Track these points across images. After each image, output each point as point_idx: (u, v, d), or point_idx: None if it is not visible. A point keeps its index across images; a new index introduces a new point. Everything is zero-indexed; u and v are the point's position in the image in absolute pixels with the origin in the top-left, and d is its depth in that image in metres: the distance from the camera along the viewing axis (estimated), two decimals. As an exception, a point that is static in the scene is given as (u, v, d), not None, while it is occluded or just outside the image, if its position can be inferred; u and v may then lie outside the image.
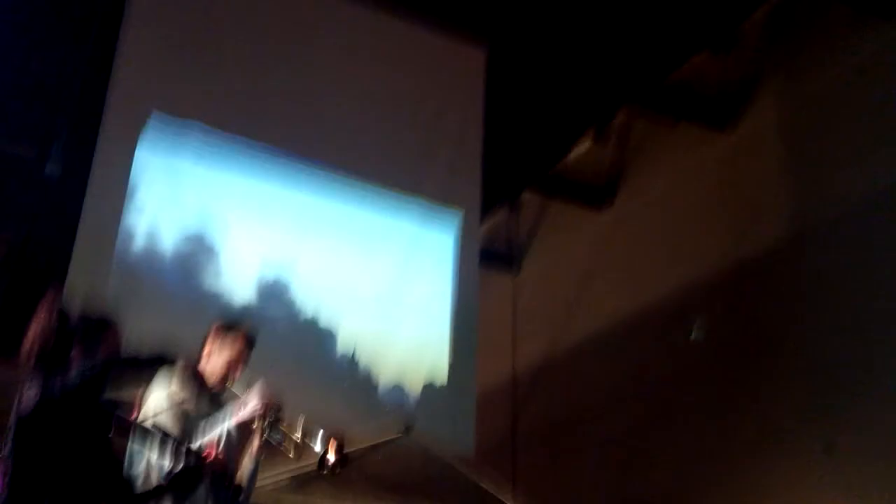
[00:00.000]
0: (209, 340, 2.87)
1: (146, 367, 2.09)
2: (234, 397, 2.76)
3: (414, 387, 6.47)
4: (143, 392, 2.53)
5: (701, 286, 6.61)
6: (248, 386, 2.78)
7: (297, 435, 2.76)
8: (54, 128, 6.15)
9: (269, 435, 2.75)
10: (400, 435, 5.47)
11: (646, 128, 7.89)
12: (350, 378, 6.10)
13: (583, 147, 8.53)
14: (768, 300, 6.23)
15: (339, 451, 2.77)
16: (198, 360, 2.86)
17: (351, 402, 5.90)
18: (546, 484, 7.43)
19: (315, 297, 6.31)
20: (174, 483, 2.42)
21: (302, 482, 6.23)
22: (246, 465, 2.76)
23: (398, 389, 6.41)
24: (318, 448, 2.74)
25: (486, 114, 7.47)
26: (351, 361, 6.29)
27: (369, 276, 6.62)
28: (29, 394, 2.09)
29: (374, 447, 5.65)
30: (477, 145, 7.38)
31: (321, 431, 2.78)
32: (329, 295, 6.38)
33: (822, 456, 5.37)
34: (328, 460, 2.73)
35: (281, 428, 2.78)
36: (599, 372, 7.52)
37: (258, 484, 5.10)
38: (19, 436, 2.10)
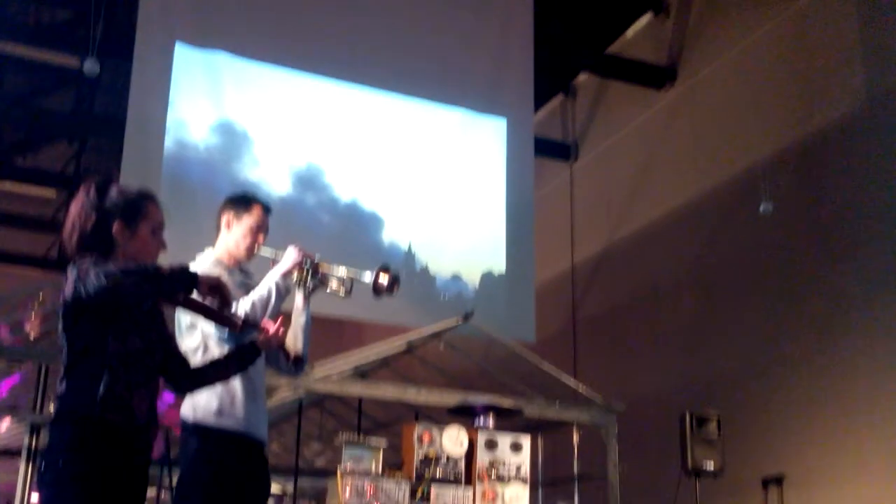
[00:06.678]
0: (224, 213, 2.76)
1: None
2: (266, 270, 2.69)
3: (472, 276, 6.44)
4: None
5: (769, 163, 6.25)
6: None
7: (342, 271, 2.66)
8: (89, 34, 6.11)
9: (312, 281, 2.65)
10: (459, 322, 5.45)
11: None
12: (406, 267, 6.09)
13: (641, 22, 8.03)
14: (839, 174, 5.86)
15: (387, 270, 2.62)
16: (217, 236, 2.77)
17: (409, 292, 5.91)
18: (607, 369, 7.44)
19: (363, 188, 6.25)
20: (233, 355, 2.34)
21: (364, 372, 6.38)
22: (298, 326, 2.70)
23: (456, 279, 6.39)
24: (366, 279, 2.61)
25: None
26: (407, 253, 6.27)
27: (419, 166, 6.50)
28: (72, 278, 1.96)
29: (435, 335, 5.67)
30: (527, 25, 7.03)
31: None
32: (378, 186, 6.31)
33: (894, 326, 5.16)
34: (381, 284, 2.60)
35: (321, 270, 2.67)
36: (661, 257, 7.33)
37: (323, 374, 5.27)
38: (70, 321, 2.01)
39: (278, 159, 6.02)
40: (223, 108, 5.89)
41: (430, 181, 6.52)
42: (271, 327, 2.32)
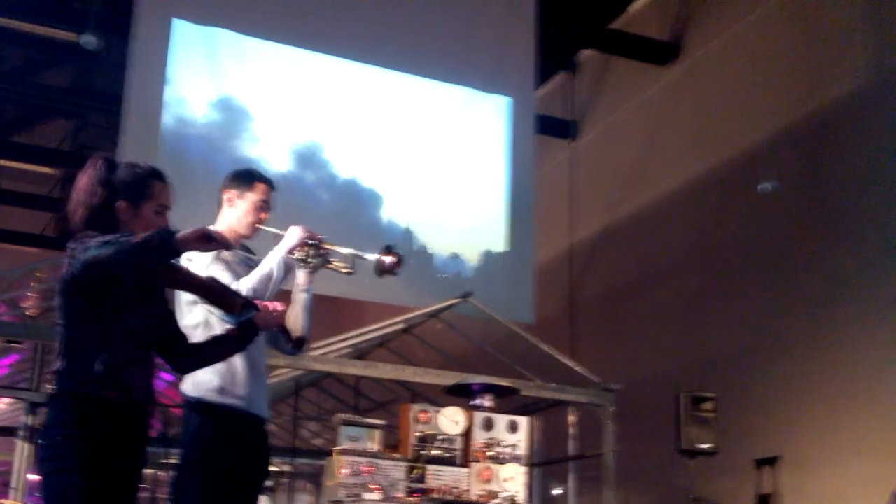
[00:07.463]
0: (226, 190, 2.71)
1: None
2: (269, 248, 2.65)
3: (471, 255, 6.42)
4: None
5: (771, 142, 6.19)
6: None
7: (346, 249, 2.61)
8: (88, 8, 6.02)
9: (315, 259, 2.60)
10: (458, 301, 5.44)
11: (715, -29, 7.19)
12: (405, 246, 6.06)
13: (645, -3, 7.91)
14: (842, 153, 5.80)
15: (391, 250, 2.58)
16: (218, 213, 2.72)
17: (407, 271, 5.87)
18: (605, 350, 7.44)
19: (363, 165, 6.20)
20: (231, 335, 2.27)
21: (363, 352, 6.39)
22: (299, 304, 2.64)
23: (455, 258, 6.37)
24: (370, 257, 2.56)
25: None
26: (406, 231, 6.24)
27: (419, 143, 6.44)
28: (76, 253, 1.93)
29: (433, 314, 5.67)
30: (530, 0, 6.92)
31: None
32: (378, 163, 6.26)
33: (892, 308, 5.14)
34: (386, 262, 2.54)
35: (324, 247, 2.62)
36: (661, 237, 7.29)
37: (321, 352, 5.27)
38: (68, 298, 2.00)
39: (278, 136, 5.97)
40: (222, 84, 5.84)
41: (430, 159, 6.47)
42: (269, 307, 2.27)
